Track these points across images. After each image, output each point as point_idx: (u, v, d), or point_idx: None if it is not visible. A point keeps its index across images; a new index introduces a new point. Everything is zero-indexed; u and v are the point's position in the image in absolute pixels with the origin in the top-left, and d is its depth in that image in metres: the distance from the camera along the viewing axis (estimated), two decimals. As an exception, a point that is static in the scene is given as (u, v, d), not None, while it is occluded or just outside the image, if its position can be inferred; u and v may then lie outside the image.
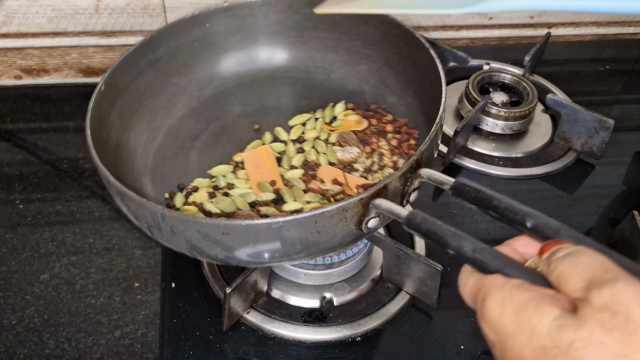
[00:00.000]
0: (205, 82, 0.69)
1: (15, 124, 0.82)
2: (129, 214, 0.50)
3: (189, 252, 0.49)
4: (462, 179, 0.43)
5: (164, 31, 0.64)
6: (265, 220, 0.43)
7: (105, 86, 0.57)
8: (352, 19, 0.66)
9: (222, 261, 0.49)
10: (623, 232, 0.64)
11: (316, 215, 0.43)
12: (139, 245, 0.67)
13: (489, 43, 1.00)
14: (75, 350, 0.58)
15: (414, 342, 0.58)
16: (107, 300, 0.62)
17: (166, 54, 0.65)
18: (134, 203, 0.46)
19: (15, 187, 0.73)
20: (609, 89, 0.93)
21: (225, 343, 0.57)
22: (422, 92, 0.62)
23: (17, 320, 0.60)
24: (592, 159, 0.79)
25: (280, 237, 0.44)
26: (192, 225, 0.45)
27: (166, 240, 0.48)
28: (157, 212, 0.45)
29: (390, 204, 0.45)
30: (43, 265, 0.65)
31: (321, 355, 0.57)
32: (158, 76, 0.65)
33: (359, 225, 0.46)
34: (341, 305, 0.60)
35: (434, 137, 0.49)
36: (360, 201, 0.44)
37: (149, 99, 0.64)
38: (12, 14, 0.82)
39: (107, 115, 0.58)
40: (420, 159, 0.48)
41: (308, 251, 0.47)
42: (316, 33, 0.69)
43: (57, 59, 0.87)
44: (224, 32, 0.68)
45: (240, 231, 0.44)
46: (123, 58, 0.60)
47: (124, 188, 0.46)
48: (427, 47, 0.58)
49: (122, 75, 0.60)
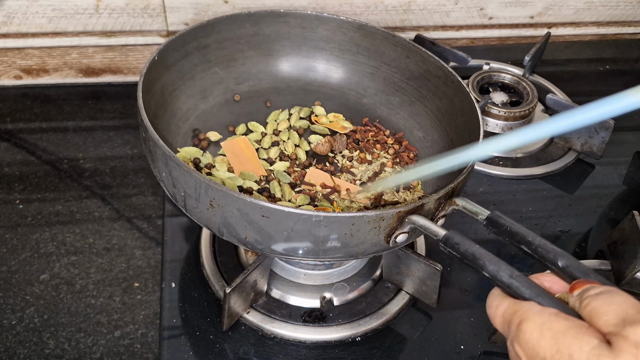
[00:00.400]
0: (243, 77, 0.72)
1: (15, 124, 0.82)
2: (167, 179, 0.50)
3: (218, 230, 0.49)
4: (497, 213, 0.46)
5: (220, 20, 0.66)
6: (306, 212, 0.44)
7: (158, 56, 0.59)
8: (394, 52, 0.68)
9: (247, 244, 0.49)
10: (623, 232, 0.64)
11: (355, 218, 0.45)
12: (139, 245, 0.67)
13: (489, 43, 1.00)
14: (75, 350, 0.58)
15: (414, 342, 0.58)
16: (107, 300, 0.62)
17: (215, 42, 0.68)
18: (180, 169, 0.47)
19: (15, 187, 0.73)
20: (609, 89, 0.92)
21: (225, 343, 0.57)
22: (452, 132, 0.63)
23: (17, 320, 0.60)
24: (592, 159, 0.79)
25: (315, 232, 0.46)
26: (235, 202, 0.45)
27: (198, 213, 0.49)
28: (201, 182, 0.46)
29: (427, 221, 0.46)
30: (43, 265, 0.65)
31: (321, 355, 0.57)
32: (202, 61, 0.68)
33: (388, 237, 0.48)
34: (341, 305, 0.60)
35: (470, 169, 0.51)
36: (397, 214, 0.46)
37: (190, 81, 0.67)
38: (12, 14, 0.82)
39: (153, 84, 0.60)
40: (456, 187, 0.50)
41: (333, 252, 0.48)
42: (357, 57, 0.72)
43: (57, 59, 0.87)
44: (272, 36, 0.71)
45: (281, 217, 0.45)
46: (177, 36, 0.63)
47: (172, 153, 0.47)
48: (467, 91, 0.60)
49: (172, 52, 0.63)
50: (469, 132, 0.57)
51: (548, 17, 0.99)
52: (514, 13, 0.97)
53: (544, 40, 0.88)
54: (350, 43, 0.71)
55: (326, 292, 0.61)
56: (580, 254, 0.68)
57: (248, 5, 0.85)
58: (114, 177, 0.75)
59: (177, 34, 0.63)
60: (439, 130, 0.66)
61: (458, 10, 0.94)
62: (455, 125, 0.62)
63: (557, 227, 0.71)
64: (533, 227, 0.71)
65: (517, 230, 0.44)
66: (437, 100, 0.66)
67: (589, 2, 0.98)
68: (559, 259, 0.40)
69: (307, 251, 0.48)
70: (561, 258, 0.40)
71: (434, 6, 0.93)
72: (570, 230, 0.71)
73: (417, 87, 0.68)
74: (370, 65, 0.71)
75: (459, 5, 0.93)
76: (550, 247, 0.41)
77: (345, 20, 0.69)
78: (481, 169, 0.77)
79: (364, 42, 0.70)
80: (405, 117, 0.70)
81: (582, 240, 0.70)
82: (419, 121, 0.68)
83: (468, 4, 0.94)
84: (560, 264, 0.40)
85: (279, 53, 0.72)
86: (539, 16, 0.98)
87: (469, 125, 0.58)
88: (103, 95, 0.88)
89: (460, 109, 0.61)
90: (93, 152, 0.78)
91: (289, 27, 0.70)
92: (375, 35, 0.69)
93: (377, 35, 0.68)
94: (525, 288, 0.37)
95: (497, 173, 0.77)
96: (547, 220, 0.72)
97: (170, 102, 0.64)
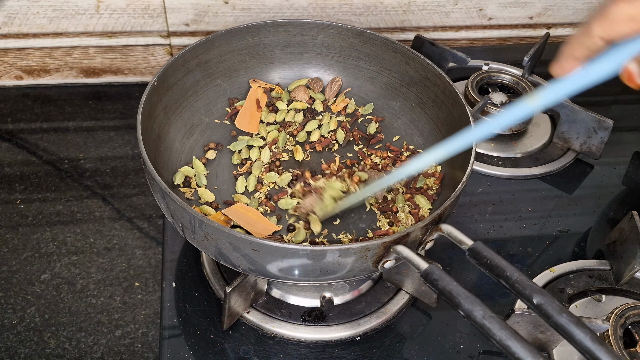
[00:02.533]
0: (247, 87, 0.72)
1: (16, 124, 0.82)
2: (166, 211, 0.53)
3: (215, 257, 0.52)
4: (480, 245, 0.46)
5: (219, 36, 0.67)
6: (295, 246, 0.46)
7: (158, 81, 0.60)
8: (394, 58, 0.69)
9: (242, 270, 0.51)
10: (622, 232, 0.64)
11: (341, 250, 0.46)
12: (140, 245, 0.68)
13: (488, 43, 1.00)
14: (75, 350, 0.58)
15: (414, 342, 0.59)
16: (107, 299, 0.62)
17: (216, 57, 0.68)
18: (175, 204, 0.49)
19: (16, 187, 0.73)
20: (608, 89, 0.93)
21: (226, 342, 0.57)
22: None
23: (18, 320, 0.60)
24: (591, 159, 0.79)
25: (304, 262, 0.47)
26: (226, 237, 0.47)
27: (196, 242, 0.52)
28: (195, 218, 0.48)
29: (411, 253, 0.47)
30: (44, 265, 0.65)
31: (321, 354, 0.57)
32: (204, 76, 0.69)
33: (376, 264, 0.49)
34: (341, 304, 0.60)
35: (458, 195, 0.51)
36: (383, 244, 0.47)
37: (192, 97, 0.68)
38: (13, 15, 0.82)
39: (154, 108, 0.61)
40: (442, 214, 0.50)
41: (323, 277, 0.50)
42: (359, 62, 0.72)
43: (58, 60, 0.87)
44: (273, 45, 0.71)
45: (270, 250, 0.46)
46: (177, 56, 0.63)
47: (168, 189, 0.50)
48: (464, 103, 0.60)
49: (174, 72, 0.64)
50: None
51: (547, 17, 0.99)
52: (513, 14, 0.97)
53: (543, 40, 0.89)
54: (351, 49, 0.71)
55: (326, 291, 0.61)
56: (579, 254, 0.69)
57: (248, 5, 0.86)
58: (115, 177, 0.75)
59: (177, 55, 0.63)
60: (438, 138, 0.66)
61: (457, 11, 0.94)
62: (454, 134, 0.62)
63: (556, 227, 0.71)
64: (532, 227, 0.71)
65: (498, 264, 0.44)
66: (436, 107, 0.66)
67: (588, 3, 0.99)
68: (534, 296, 0.41)
69: (300, 277, 0.50)
70: (536, 295, 0.41)
71: (434, 7, 0.93)
72: (570, 230, 0.71)
73: (418, 93, 0.68)
74: (372, 70, 0.72)
75: (458, 5, 0.94)
76: (527, 284, 0.42)
77: (344, 27, 0.69)
78: (481, 169, 0.77)
79: (365, 48, 0.70)
80: (406, 122, 0.70)
81: (581, 240, 0.70)
82: (419, 127, 0.69)
83: (467, 5, 0.94)
84: (535, 301, 0.41)
85: (281, 61, 0.73)
86: (538, 17, 0.98)
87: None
88: (104, 95, 0.88)
89: (458, 120, 0.61)
90: (94, 152, 0.78)
91: (289, 35, 0.71)
92: (375, 42, 0.69)
93: (376, 41, 0.69)
94: (497, 330, 0.38)
95: (496, 173, 0.77)
96: (546, 220, 0.72)
97: (173, 120, 0.65)
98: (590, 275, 0.65)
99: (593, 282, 0.64)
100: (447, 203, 0.50)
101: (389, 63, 0.70)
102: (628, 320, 0.54)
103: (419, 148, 0.68)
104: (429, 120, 0.68)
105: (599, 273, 0.65)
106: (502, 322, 0.38)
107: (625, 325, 0.54)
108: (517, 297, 0.43)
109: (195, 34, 0.88)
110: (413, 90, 0.69)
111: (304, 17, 0.89)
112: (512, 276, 0.43)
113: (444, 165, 0.65)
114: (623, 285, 0.63)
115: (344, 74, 0.73)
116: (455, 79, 0.89)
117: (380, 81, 0.72)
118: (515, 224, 0.71)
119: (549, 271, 0.65)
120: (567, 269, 0.65)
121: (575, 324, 0.39)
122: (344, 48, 0.71)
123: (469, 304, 0.41)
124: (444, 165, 0.65)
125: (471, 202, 0.73)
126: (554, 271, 0.65)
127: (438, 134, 0.66)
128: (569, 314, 0.39)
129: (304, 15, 0.89)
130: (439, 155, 0.49)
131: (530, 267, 0.66)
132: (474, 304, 0.40)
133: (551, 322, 0.41)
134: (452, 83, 0.63)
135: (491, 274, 0.45)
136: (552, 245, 0.69)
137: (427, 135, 0.68)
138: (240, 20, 0.87)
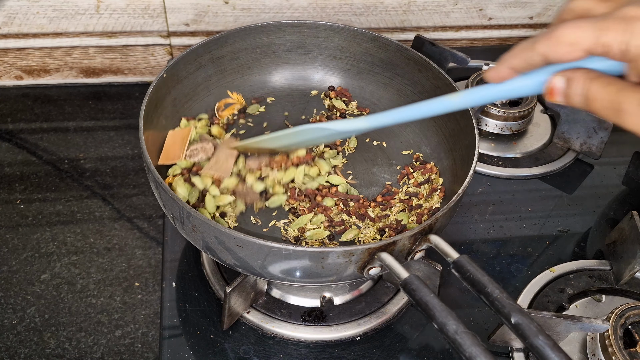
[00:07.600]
0: (258, 86, 0.73)
1: (16, 124, 0.82)
2: (159, 200, 0.54)
3: (203, 249, 0.52)
4: (465, 259, 0.46)
5: (234, 33, 0.67)
6: (277, 245, 0.46)
7: (167, 73, 0.61)
8: (407, 65, 0.68)
9: (229, 266, 0.51)
10: (622, 232, 0.64)
11: (324, 253, 0.46)
12: (140, 245, 0.68)
13: (488, 43, 1.00)
14: (75, 350, 0.58)
15: (414, 342, 0.59)
16: (107, 299, 0.62)
17: (229, 53, 0.69)
18: (166, 195, 0.49)
19: (16, 187, 0.73)
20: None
21: (226, 342, 0.57)
22: (456, 154, 0.63)
23: (17, 320, 0.60)
24: (591, 159, 0.79)
25: (287, 262, 0.47)
26: (212, 231, 0.48)
27: (186, 233, 0.52)
28: (184, 210, 0.48)
29: (394, 261, 0.46)
30: (44, 265, 0.65)
31: (321, 354, 0.57)
32: (216, 72, 0.69)
33: (361, 270, 0.49)
34: (341, 304, 0.61)
35: (452, 206, 0.51)
36: (368, 250, 0.46)
37: (203, 91, 0.68)
38: (13, 15, 0.82)
39: (162, 99, 0.61)
40: (433, 224, 0.49)
41: (308, 279, 0.49)
42: (372, 67, 0.72)
43: (58, 60, 0.87)
44: (287, 45, 0.72)
45: (253, 248, 0.46)
46: (189, 50, 0.64)
47: (161, 179, 0.50)
48: (470, 115, 0.59)
49: (185, 65, 0.64)
50: (469, 157, 0.56)
51: (547, 17, 0.99)
52: (513, 14, 0.97)
53: (544, 40, 0.88)
54: (365, 53, 0.71)
55: (326, 291, 0.61)
56: (579, 254, 0.69)
57: (248, 5, 0.86)
58: (115, 177, 0.75)
59: (189, 49, 0.64)
60: (445, 149, 0.65)
61: (457, 11, 0.94)
62: (459, 149, 0.62)
63: (556, 227, 0.71)
64: (532, 227, 0.71)
65: (479, 279, 0.44)
66: (445, 118, 0.65)
67: (588, 3, 0.99)
68: (513, 316, 0.41)
69: (284, 277, 0.50)
70: (515, 315, 0.41)
71: (434, 7, 0.93)
72: (569, 230, 0.71)
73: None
74: (385, 76, 0.71)
75: (458, 5, 0.94)
76: (506, 302, 0.42)
77: (359, 31, 0.69)
78: (481, 169, 0.77)
79: (379, 53, 0.70)
80: (415, 131, 0.69)
81: (581, 240, 0.70)
82: (428, 136, 0.68)
83: (467, 5, 0.94)
84: (512, 320, 0.41)
85: (295, 62, 0.73)
86: (538, 17, 0.98)
87: (470, 150, 0.57)
88: (104, 95, 0.88)
89: (464, 131, 0.60)
90: (94, 152, 0.78)
91: (303, 36, 0.71)
92: (389, 48, 0.69)
93: (390, 47, 0.69)
94: (468, 346, 0.38)
95: (496, 173, 0.77)
96: (546, 220, 0.72)
97: (181, 114, 0.65)
98: (590, 275, 0.65)
99: (593, 282, 0.64)
100: (439, 214, 0.49)
101: (402, 70, 0.69)
102: (628, 320, 0.54)
103: (425, 158, 0.67)
104: (437, 129, 0.67)
105: (599, 273, 0.65)
106: (475, 338, 0.38)
107: (625, 326, 0.54)
108: (496, 315, 0.42)
109: (195, 34, 0.88)
110: (425, 98, 0.68)
111: (304, 17, 0.89)
112: (492, 293, 0.42)
113: (446, 175, 0.64)
114: (623, 285, 0.63)
115: (356, 78, 0.73)
116: (455, 79, 0.88)
117: (393, 87, 0.71)
118: (516, 224, 0.71)
119: (549, 271, 0.65)
120: (567, 269, 0.65)
121: (551, 347, 0.38)
122: (358, 52, 0.71)
123: (443, 317, 0.40)
124: (446, 175, 0.64)
125: (471, 202, 0.73)
126: (554, 271, 0.65)
127: (445, 144, 0.65)
128: (546, 337, 0.39)
129: (304, 15, 0.89)
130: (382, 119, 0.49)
131: (530, 267, 0.66)
132: (448, 317, 0.40)
133: (527, 343, 0.40)
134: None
135: (473, 289, 0.44)
136: (552, 245, 0.69)
137: (435, 145, 0.67)
138: (240, 20, 0.87)
